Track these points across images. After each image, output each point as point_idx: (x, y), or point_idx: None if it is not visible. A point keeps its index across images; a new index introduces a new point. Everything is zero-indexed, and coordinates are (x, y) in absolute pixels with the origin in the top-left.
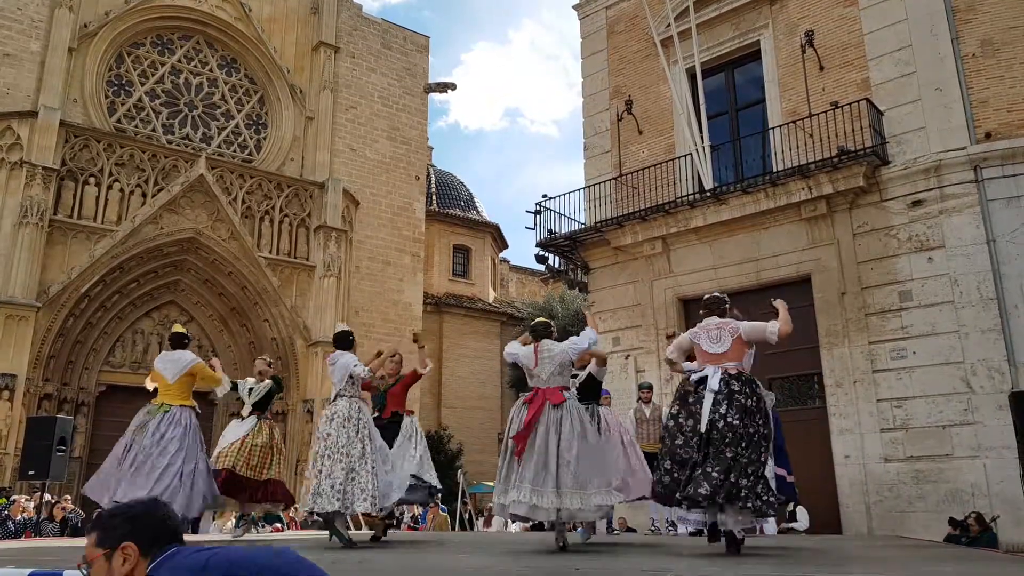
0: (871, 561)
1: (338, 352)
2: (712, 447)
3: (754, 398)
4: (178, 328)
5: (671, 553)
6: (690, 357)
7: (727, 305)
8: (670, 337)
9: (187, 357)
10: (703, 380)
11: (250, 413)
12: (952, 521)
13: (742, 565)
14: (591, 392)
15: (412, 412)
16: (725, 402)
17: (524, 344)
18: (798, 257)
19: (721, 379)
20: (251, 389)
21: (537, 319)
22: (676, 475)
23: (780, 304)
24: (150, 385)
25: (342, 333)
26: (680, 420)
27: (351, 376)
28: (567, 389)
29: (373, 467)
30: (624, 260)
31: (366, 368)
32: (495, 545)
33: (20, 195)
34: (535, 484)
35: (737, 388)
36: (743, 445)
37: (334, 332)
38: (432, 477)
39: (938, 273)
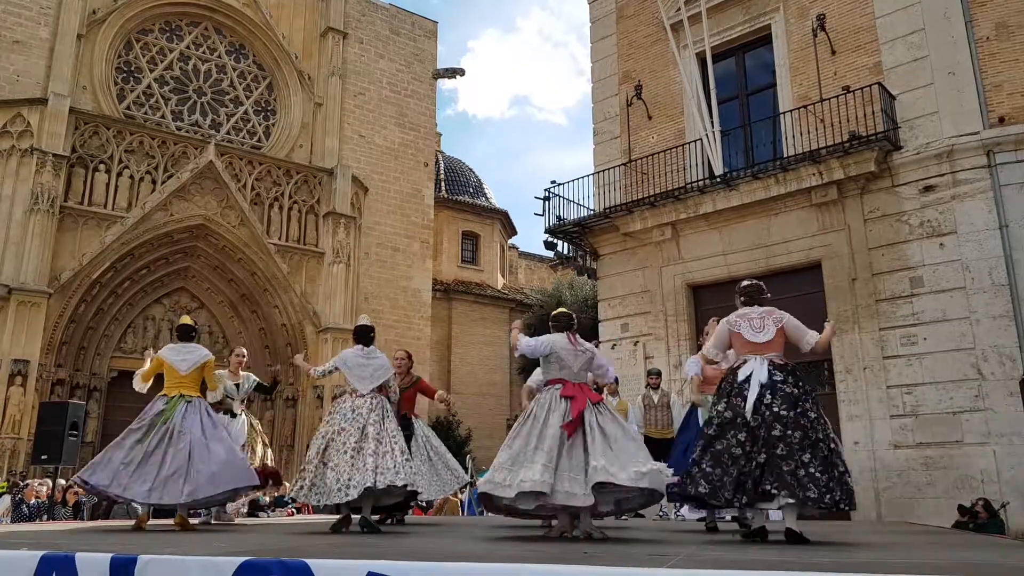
0: (877, 546)
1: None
2: (763, 442)
3: (800, 385)
4: (186, 320)
5: (677, 539)
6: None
7: (768, 295)
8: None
9: (202, 351)
10: (746, 375)
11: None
12: (961, 508)
13: (748, 550)
14: None
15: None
16: (769, 392)
17: (520, 332)
18: (808, 243)
19: (768, 370)
20: (237, 385)
21: (560, 310)
22: (720, 475)
23: (830, 327)
24: (146, 375)
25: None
26: (725, 416)
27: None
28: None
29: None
30: (633, 246)
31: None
32: (501, 529)
33: (31, 182)
34: (561, 469)
35: (781, 378)
36: (797, 435)
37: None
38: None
39: (950, 259)
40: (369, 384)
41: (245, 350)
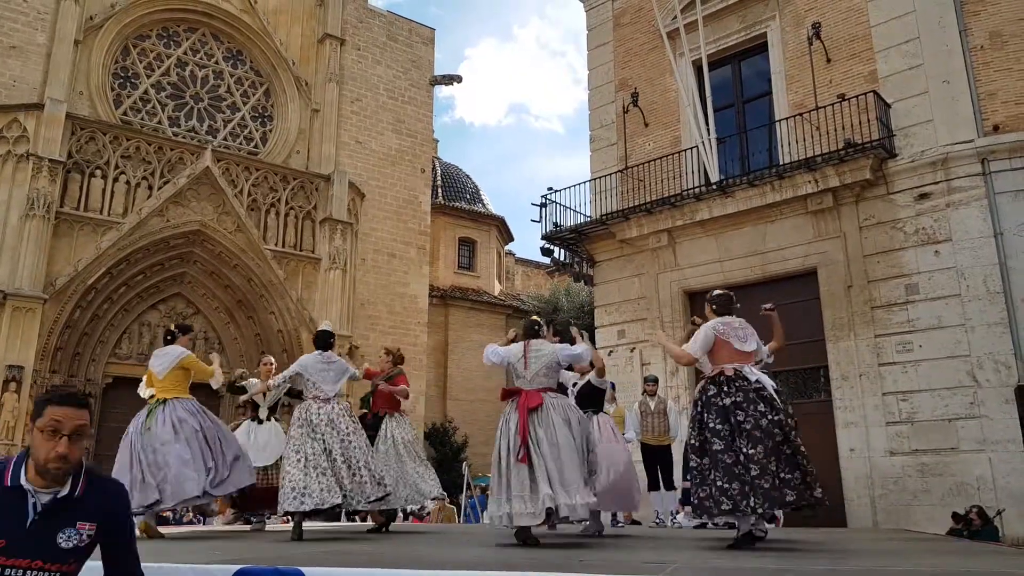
0: (873, 554)
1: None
2: (778, 450)
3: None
4: (171, 326)
5: (674, 546)
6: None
7: (738, 305)
8: (694, 324)
9: (176, 351)
10: (736, 379)
11: (267, 416)
12: (955, 515)
13: (745, 557)
14: (590, 400)
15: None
16: (774, 402)
17: (508, 343)
18: (804, 250)
19: (769, 378)
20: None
21: (530, 317)
22: (737, 487)
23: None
24: (145, 392)
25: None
26: (729, 426)
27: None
28: (551, 391)
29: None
30: (630, 253)
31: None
32: (497, 537)
33: (27, 187)
34: (532, 491)
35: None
36: (797, 442)
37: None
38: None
39: (945, 266)
40: (334, 388)
41: (272, 358)
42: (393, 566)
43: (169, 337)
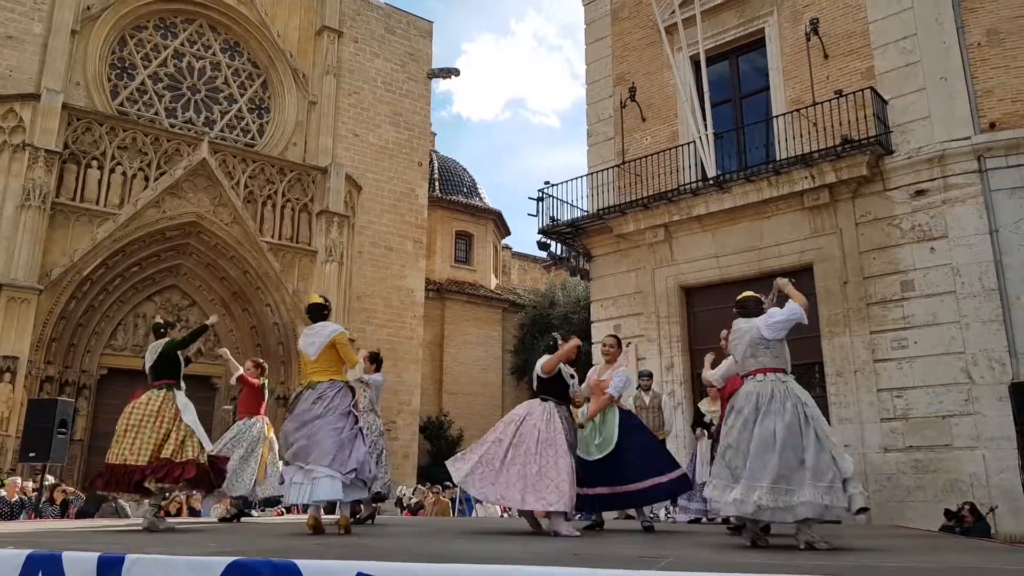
0: (865, 550)
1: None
2: None
3: None
4: (315, 298)
5: (668, 540)
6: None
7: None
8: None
9: (329, 327)
10: None
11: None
12: (947, 512)
13: (738, 552)
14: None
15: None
16: None
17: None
18: (800, 246)
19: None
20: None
21: (745, 294)
22: None
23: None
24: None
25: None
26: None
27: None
28: (768, 371)
29: None
30: (626, 248)
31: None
32: (494, 531)
33: (23, 178)
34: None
35: None
36: None
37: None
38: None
39: (940, 263)
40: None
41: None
42: (387, 559)
43: (326, 311)
